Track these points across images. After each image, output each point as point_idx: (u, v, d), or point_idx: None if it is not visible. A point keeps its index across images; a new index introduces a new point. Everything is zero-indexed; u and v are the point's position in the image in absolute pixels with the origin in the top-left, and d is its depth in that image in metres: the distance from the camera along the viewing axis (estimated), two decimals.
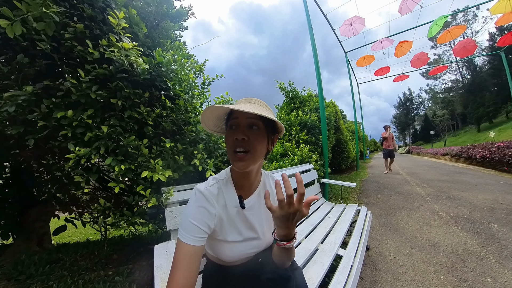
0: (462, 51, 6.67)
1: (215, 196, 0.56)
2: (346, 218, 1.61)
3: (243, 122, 0.54)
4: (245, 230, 0.61)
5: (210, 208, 0.54)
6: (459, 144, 18.40)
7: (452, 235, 1.94)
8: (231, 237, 0.59)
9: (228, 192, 0.60)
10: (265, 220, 0.65)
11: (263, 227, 0.64)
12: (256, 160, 0.55)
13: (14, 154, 1.25)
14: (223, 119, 0.61)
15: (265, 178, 0.68)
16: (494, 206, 2.67)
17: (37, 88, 0.92)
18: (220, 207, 0.57)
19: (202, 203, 0.53)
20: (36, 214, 1.53)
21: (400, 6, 5.64)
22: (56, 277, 1.21)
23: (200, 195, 0.54)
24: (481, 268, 1.42)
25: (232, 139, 0.53)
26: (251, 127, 0.54)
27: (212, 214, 0.54)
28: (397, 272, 1.44)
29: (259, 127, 0.54)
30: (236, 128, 0.54)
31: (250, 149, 0.53)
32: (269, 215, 0.65)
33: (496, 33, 28.74)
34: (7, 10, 0.75)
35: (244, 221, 0.61)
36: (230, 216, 0.59)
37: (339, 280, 0.86)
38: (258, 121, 0.54)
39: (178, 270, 0.46)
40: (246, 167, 0.54)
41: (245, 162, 0.53)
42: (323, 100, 3.06)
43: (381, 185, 4.49)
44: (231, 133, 0.55)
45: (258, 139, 0.54)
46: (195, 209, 0.53)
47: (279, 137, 0.66)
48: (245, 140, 0.52)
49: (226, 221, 0.58)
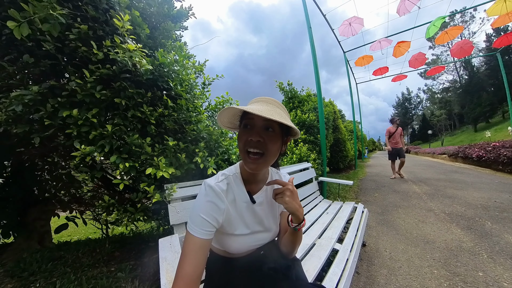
0: (460, 51, 6.76)
1: (224, 191, 0.57)
2: (343, 215, 1.65)
3: (259, 123, 0.53)
4: (253, 224, 0.63)
5: (219, 203, 0.54)
6: (456, 143, 18.60)
7: (447, 232, 1.99)
8: (239, 231, 0.60)
9: (238, 188, 0.60)
10: (271, 214, 0.68)
11: (270, 220, 0.67)
12: (268, 163, 0.56)
13: (18, 153, 1.27)
14: (237, 116, 0.61)
15: (272, 174, 0.70)
16: (488, 204, 2.73)
17: (42, 87, 0.95)
18: (229, 202, 0.58)
19: (211, 198, 0.54)
20: (37, 213, 1.55)
21: (398, 7, 5.70)
22: (59, 273, 1.23)
23: (210, 190, 0.54)
24: (473, 263, 1.47)
25: (246, 139, 0.53)
26: (266, 129, 0.54)
27: (221, 209, 0.55)
28: (392, 267, 1.48)
29: (274, 130, 0.54)
30: (251, 128, 0.54)
31: (265, 151, 0.53)
32: (274, 209, 0.69)
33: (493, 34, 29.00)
34: (15, 12, 0.78)
35: (253, 216, 0.62)
36: (238, 210, 0.60)
37: (335, 272, 0.90)
38: (274, 123, 0.53)
39: (186, 260, 0.48)
40: (259, 170, 0.55)
41: (258, 165, 0.54)
42: (321, 100, 3.10)
43: (378, 183, 4.55)
44: (245, 132, 0.54)
45: (272, 141, 0.54)
46: (205, 203, 0.53)
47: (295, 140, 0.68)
48: (260, 142, 0.52)
49: (234, 215, 0.59)
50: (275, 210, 0.69)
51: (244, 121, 0.56)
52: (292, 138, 0.64)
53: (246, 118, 0.55)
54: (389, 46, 6.92)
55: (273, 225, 0.68)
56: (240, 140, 0.56)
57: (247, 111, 0.52)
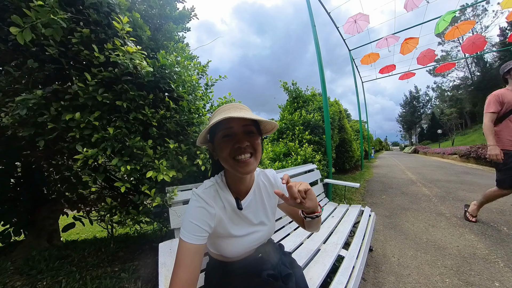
0: (471, 47, 6.46)
1: (213, 197, 0.58)
2: (349, 218, 1.60)
3: (239, 129, 0.55)
4: (246, 226, 0.63)
5: (209, 208, 0.55)
6: (468, 143, 17.87)
7: (459, 238, 1.90)
8: (233, 232, 0.61)
9: (225, 195, 0.61)
10: (262, 213, 0.67)
11: (262, 219, 0.67)
12: (258, 161, 0.58)
13: (26, 155, 1.31)
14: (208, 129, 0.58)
15: (256, 176, 0.70)
16: (503, 208, 2.59)
17: (46, 92, 0.96)
18: (219, 208, 0.58)
19: (201, 204, 0.55)
20: (46, 212, 1.59)
21: (405, 2, 5.52)
22: (65, 272, 1.25)
23: (199, 197, 0.56)
24: (489, 272, 1.39)
25: (231, 147, 0.54)
26: (249, 133, 0.56)
27: (212, 214, 0.55)
28: (400, 274, 1.42)
29: (253, 132, 0.57)
30: (233, 137, 0.55)
31: (253, 152, 0.56)
32: (266, 206, 0.68)
33: (507, 28, 27.67)
34: (17, 17, 0.79)
35: (243, 220, 0.63)
36: (229, 216, 0.61)
37: (340, 281, 0.86)
38: (252, 126, 0.56)
39: (181, 267, 0.47)
40: (252, 171, 0.56)
41: (252, 165, 0.55)
42: (326, 99, 3.03)
43: (386, 185, 4.43)
44: (227, 142, 0.54)
45: (256, 142, 0.57)
46: (195, 210, 0.54)
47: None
48: (248, 146, 0.54)
49: (226, 220, 0.60)
50: (266, 206, 0.68)
51: (222, 132, 0.55)
52: (267, 134, 0.67)
53: (223, 128, 0.55)
54: (396, 43, 6.72)
55: (266, 222, 0.67)
56: (223, 150, 0.55)
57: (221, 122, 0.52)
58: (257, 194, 0.67)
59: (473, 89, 31.93)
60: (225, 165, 0.57)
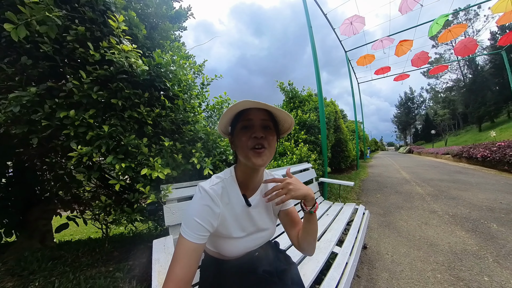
0: (463, 50, 6.65)
1: (219, 195, 0.57)
2: (343, 216, 1.62)
3: (257, 122, 0.56)
4: (249, 226, 0.63)
5: (214, 207, 0.54)
6: (460, 143, 18.29)
7: (451, 235, 1.95)
8: (235, 234, 0.60)
9: (233, 191, 0.61)
10: (266, 214, 0.67)
11: (266, 220, 0.67)
12: (271, 156, 0.58)
13: (18, 153, 1.28)
14: (230, 121, 0.61)
15: (266, 175, 0.71)
16: (493, 205, 2.66)
17: (40, 89, 0.95)
18: (224, 206, 0.57)
19: (206, 202, 0.54)
20: (38, 212, 1.56)
21: (400, 5, 5.64)
22: (59, 272, 1.23)
23: (205, 194, 0.54)
24: (478, 267, 1.43)
25: (248, 137, 0.55)
26: (265, 128, 0.57)
27: (216, 213, 0.55)
28: (394, 270, 1.45)
29: (271, 127, 0.58)
30: (252, 128, 0.56)
31: (267, 146, 0.56)
32: (270, 209, 0.69)
33: (498, 32, 28.51)
34: (12, 14, 0.78)
35: (248, 219, 0.63)
36: (234, 214, 0.60)
37: (333, 277, 0.88)
38: (270, 122, 0.58)
39: (178, 264, 0.47)
40: (266, 162, 0.56)
41: (265, 157, 0.56)
42: (322, 99, 3.07)
43: (380, 184, 4.49)
44: (245, 133, 0.56)
45: (271, 137, 0.58)
46: (200, 207, 0.53)
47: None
48: (263, 138, 0.56)
49: (229, 219, 0.59)
50: (271, 209, 0.69)
51: (241, 123, 0.57)
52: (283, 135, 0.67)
53: (243, 120, 0.57)
54: (391, 45, 6.85)
55: (269, 224, 0.68)
56: (240, 141, 0.57)
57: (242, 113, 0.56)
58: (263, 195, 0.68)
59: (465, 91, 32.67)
60: (240, 155, 0.58)
